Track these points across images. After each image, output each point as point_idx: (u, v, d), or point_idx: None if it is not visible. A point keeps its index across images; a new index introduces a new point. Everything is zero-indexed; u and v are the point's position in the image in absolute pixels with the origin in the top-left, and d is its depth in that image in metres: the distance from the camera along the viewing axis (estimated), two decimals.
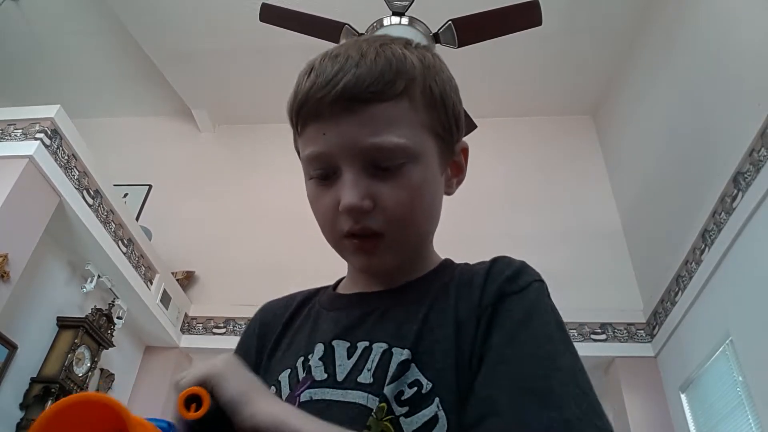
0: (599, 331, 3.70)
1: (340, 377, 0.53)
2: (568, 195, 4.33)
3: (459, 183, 0.64)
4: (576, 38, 4.03)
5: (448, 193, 0.63)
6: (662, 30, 3.67)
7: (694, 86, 3.29)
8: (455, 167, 0.63)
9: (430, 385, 0.49)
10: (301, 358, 0.58)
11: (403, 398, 0.49)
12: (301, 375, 0.56)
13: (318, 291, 0.68)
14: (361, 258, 0.58)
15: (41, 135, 2.70)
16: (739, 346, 2.73)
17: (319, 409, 0.51)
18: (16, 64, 4.62)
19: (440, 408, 0.48)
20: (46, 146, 2.71)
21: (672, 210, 3.50)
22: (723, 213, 2.89)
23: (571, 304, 3.19)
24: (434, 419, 0.48)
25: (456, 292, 0.56)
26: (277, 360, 0.61)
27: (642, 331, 3.72)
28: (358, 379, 0.52)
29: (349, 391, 0.52)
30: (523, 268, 0.55)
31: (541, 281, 0.55)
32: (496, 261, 0.57)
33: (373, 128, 0.53)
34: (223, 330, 3.89)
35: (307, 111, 0.55)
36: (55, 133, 2.80)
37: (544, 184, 4.37)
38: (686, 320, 3.25)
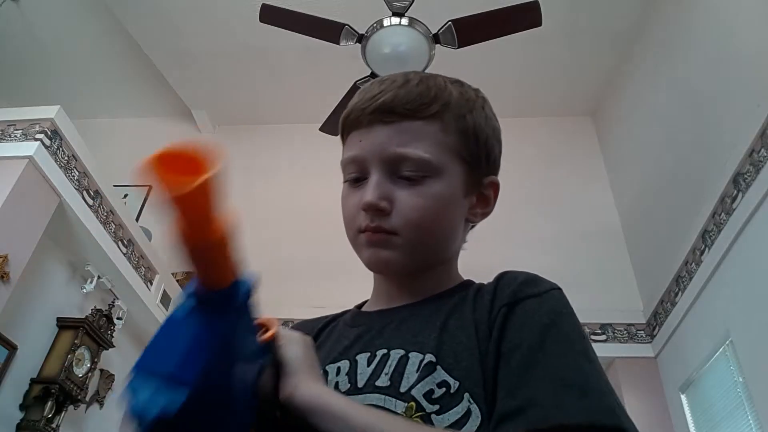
0: (599, 331, 3.70)
1: (360, 384, 0.55)
2: (568, 195, 4.33)
3: (484, 215, 0.68)
4: (576, 39, 4.03)
5: (471, 221, 0.67)
6: (662, 30, 3.67)
7: (694, 87, 3.29)
8: (482, 199, 0.67)
9: (458, 383, 0.51)
10: (321, 370, 0.60)
11: (433, 396, 0.51)
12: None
13: (344, 312, 0.72)
14: (371, 251, 0.61)
15: (41, 135, 2.70)
16: (739, 346, 2.73)
17: None
18: (16, 65, 4.62)
19: (472, 402, 0.50)
20: (46, 147, 2.71)
21: (672, 210, 3.50)
22: (723, 214, 2.89)
23: (570, 304, 3.17)
24: (467, 413, 0.49)
25: (473, 300, 0.59)
26: None
27: (642, 332, 3.72)
28: (376, 383, 0.54)
29: (368, 395, 0.53)
30: (537, 276, 0.58)
31: (560, 289, 0.56)
32: (506, 272, 0.60)
33: (402, 140, 0.60)
34: None
35: (351, 120, 0.64)
36: (55, 134, 2.80)
37: (543, 185, 4.37)
38: (686, 321, 3.25)
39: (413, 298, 0.64)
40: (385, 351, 0.57)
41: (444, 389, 0.51)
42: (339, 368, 0.59)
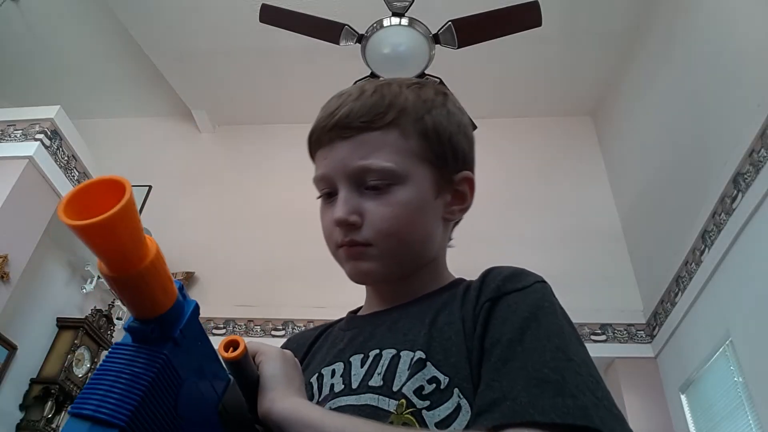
0: (599, 332, 3.70)
1: (354, 385, 0.56)
2: (568, 196, 4.33)
3: (462, 211, 0.68)
4: (576, 39, 4.03)
5: (449, 219, 0.67)
6: (662, 31, 3.67)
7: (694, 87, 3.29)
8: (457, 196, 0.67)
9: (447, 379, 0.52)
10: (315, 374, 0.61)
11: (423, 393, 0.52)
12: (316, 392, 0.60)
13: (340, 319, 0.73)
14: (351, 264, 0.63)
15: (41, 136, 2.71)
16: (739, 346, 2.73)
17: None
18: (16, 65, 4.62)
19: (461, 397, 0.51)
20: (46, 147, 2.72)
21: (672, 211, 3.50)
22: (723, 214, 2.89)
23: (570, 304, 3.12)
24: (458, 408, 0.50)
25: (461, 297, 0.59)
26: None
27: (642, 332, 3.72)
28: (369, 383, 0.55)
29: (362, 395, 0.54)
30: (522, 270, 0.58)
31: (545, 282, 0.57)
32: (492, 268, 0.60)
33: (362, 152, 0.61)
34: (223, 331, 3.89)
35: (314, 140, 0.66)
36: (55, 134, 2.80)
37: (543, 185, 4.37)
38: (686, 321, 3.25)
39: (403, 300, 0.65)
40: (377, 351, 0.58)
41: (434, 385, 0.52)
42: (333, 370, 0.60)
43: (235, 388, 0.48)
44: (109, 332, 3.20)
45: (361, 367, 0.58)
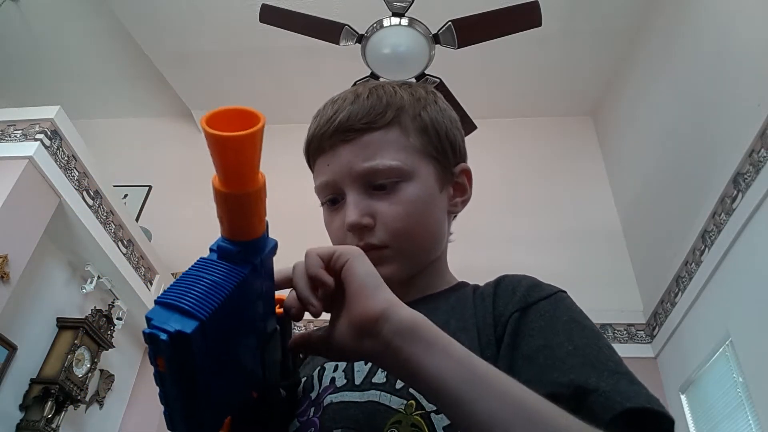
0: None
1: (357, 381, 0.56)
2: (568, 196, 4.33)
3: (464, 203, 0.69)
4: (576, 39, 4.03)
5: (453, 212, 0.68)
6: (662, 30, 3.67)
7: (694, 87, 3.29)
8: (458, 188, 0.69)
9: None
10: (318, 368, 0.60)
11: None
12: (316, 383, 0.59)
13: None
14: None
15: (41, 136, 2.71)
16: (739, 346, 2.73)
17: (338, 410, 0.54)
18: (16, 65, 4.62)
19: None
20: (46, 147, 2.72)
21: (672, 210, 3.50)
22: (723, 214, 2.89)
23: None
24: None
25: (473, 302, 0.59)
26: (300, 371, 0.64)
27: (642, 332, 3.72)
28: (373, 380, 0.55)
29: (365, 392, 0.54)
30: (539, 280, 0.58)
31: (566, 291, 0.57)
32: (505, 276, 0.60)
33: (367, 154, 0.61)
34: None
35: (314, 148, 0.65)
36: (55, 134, 2.80)
37: (543, 185, 4.37)
38: (686, 321, 3.25)
39: (408, 298, 0.63)
40: None
41: None
42: (336, 365, 0.59)
43: (277, 337, 0.47)
44: (109, 332, 3.20)
45: (365, 364, 0.57)
